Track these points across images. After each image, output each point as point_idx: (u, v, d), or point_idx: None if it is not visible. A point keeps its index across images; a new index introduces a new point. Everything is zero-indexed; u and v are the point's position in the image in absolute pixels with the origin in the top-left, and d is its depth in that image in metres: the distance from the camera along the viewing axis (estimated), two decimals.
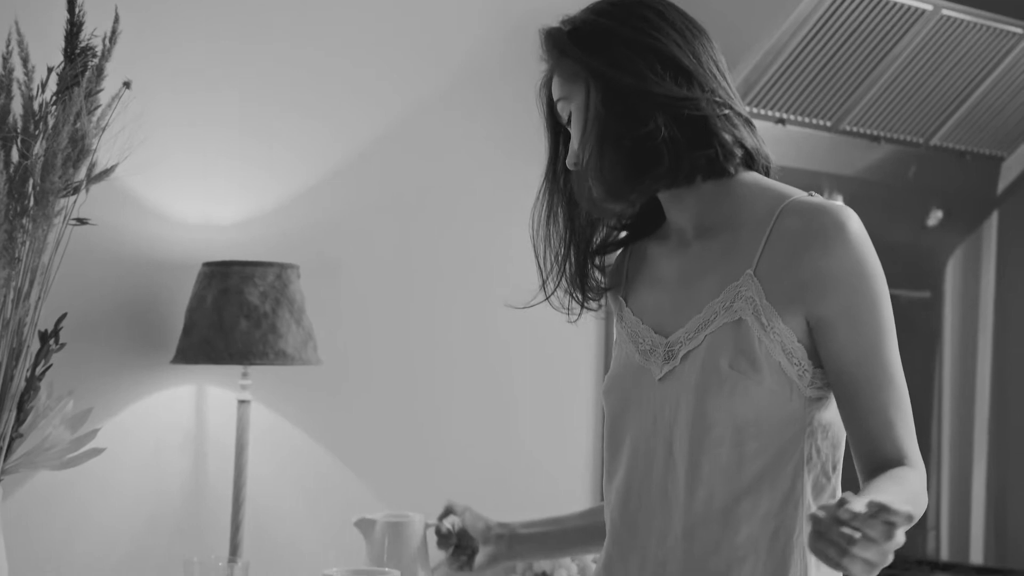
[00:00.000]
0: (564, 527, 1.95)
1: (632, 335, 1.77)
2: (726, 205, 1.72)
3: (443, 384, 2.67)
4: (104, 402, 2.24)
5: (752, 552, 1.65)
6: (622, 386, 1.76)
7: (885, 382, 1.66)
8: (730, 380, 1.64)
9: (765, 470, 1.65)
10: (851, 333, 1.64)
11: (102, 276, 2.27)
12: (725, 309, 1.67)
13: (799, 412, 1.66)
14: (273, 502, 2.43)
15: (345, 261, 2.54)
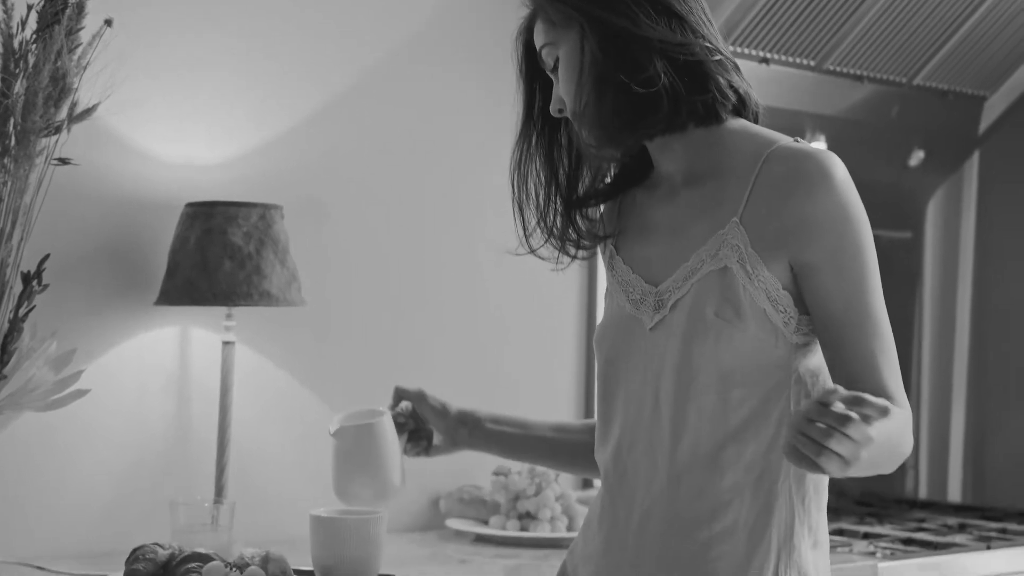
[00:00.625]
0: (530, 434, 1.95)
1: (623, 284, 1.77)
2: (714, 152, 1.72)
3: (427, 325, 2.67)
4: (87, 344, 2.23)
5: (737, 497, 1.66)
6: (613, 336, 1.77)
7: (870, 327, 1.66)
8: (715, 328, 1.65)
9: (750, 417, 1.65)
10: (835, 279, 1.65)
11: (84, 217, 2.25)
12: (711, 257, 1.68)
13: (785, 358, 1.67)
14: (257, 444, 2.43)
15: (328, 202, 2.53)
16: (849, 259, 1.65)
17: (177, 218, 2.28)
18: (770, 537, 1.66)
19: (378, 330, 2.59)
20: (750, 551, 1.66)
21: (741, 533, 1.66)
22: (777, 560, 1.66)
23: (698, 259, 1.69)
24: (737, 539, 1.66)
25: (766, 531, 1.66)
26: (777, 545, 1.66)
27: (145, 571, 1.79)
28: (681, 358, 1.67)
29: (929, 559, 2.48)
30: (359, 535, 1.89)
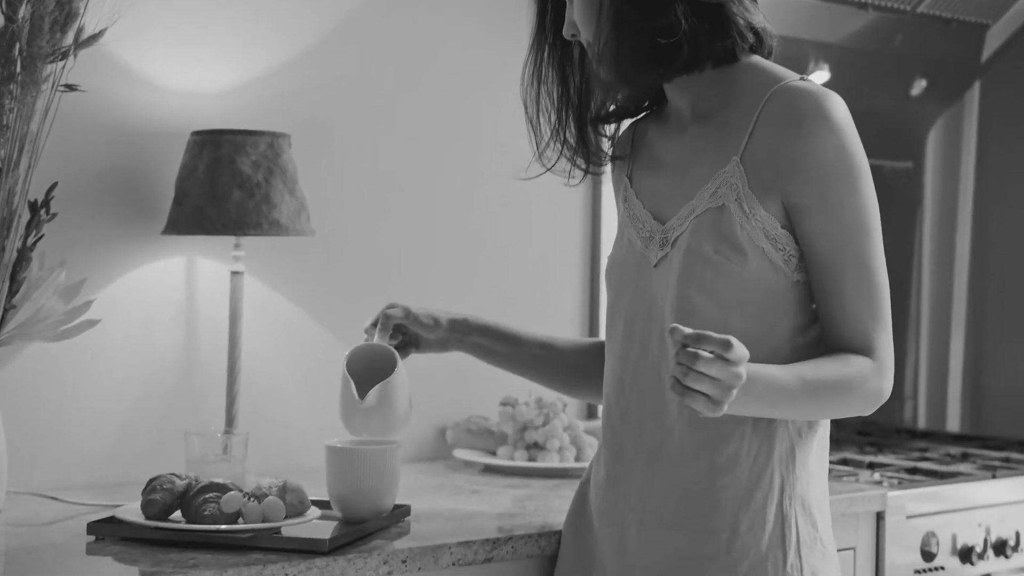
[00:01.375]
0: (516, 351, 1.95)
1: (634, 219, 1.77)
2: (724, 89, 1.71)
3: (435, 253, 2.64)
4: (94, 273, 2.20)
5: (738, 429, 1.66)
6: (621, 270, 1.77)
7: (859, 273, 1.65)
8: (713, 265, 1.64)
9: (751, 352, 1.64)
10: (824, 221, 1.63)
11: (90, 145, 2.21)
12: (710, 195, 1.67)
13: (784, 294, 1.67)
14: (267, 375, 2.41)
15: (334, 129, 2.50)
16: (838, 202, 1.63)
17: (183, 147, 2.25)
18: (772, 469, 1.67)
19: (385, 259, 2.57)
20: (752, 484, 1.66)
21: (744, 465, 1.67)
22: (780, 492, 1.67)
23: (700, 197, 1.68)
24: (740, 471, 1.67)
25: (768, 463, 1.67)
26: (780, 477, 1.67)
27: (162, 501, 1.78)
28: (680, 294, 1.66)
29: (936, 488, 2.48)
30: (375, 465, 1.89)
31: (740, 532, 1.66)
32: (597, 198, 2.85)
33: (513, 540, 1.85)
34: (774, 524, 1.66)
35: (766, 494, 1.66)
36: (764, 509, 1.66)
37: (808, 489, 1.70)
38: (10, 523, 1.88)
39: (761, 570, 1.66)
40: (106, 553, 1.69)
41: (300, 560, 1.66)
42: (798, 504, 1.68)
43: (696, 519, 1.67)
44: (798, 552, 1.67)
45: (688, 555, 1.68)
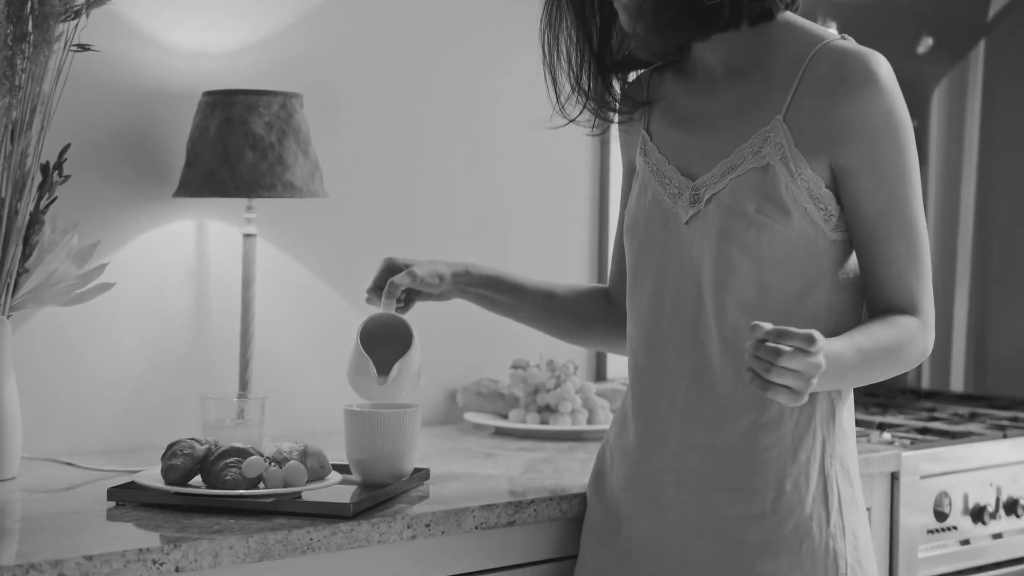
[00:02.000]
0: (518, 302, 1.93)
1: (658, 174, 1.75)
2: (759, 47, 1.69)
3: (448, 214, 2.62)
4: (107, 236, 2.18)
5: None
6: (647, 228, 1.75)
7: (904, 232, 1.66)
8: (756, 224, 1.63)
9: (789, 311, 1.66)
10: (874, 182, 1.64)
11: (101, 106, 2.18)
12: (753, 154, 1.66)
13: (823, 254, 1.67)
14: (279, 339, 2.39)
15: (345, 89, 2.47)
16: (889, 163, 1.63)
17: (194, 108, 2.22)
18: (815, 427, 1.67)
19: (398, 220, 2.55)
20: (796, 443, 1.66)
21: (787, 425, 1.67)
22: (823, 452, 1.68)
23: (739, 155, 1.67)
24: (783, 431, 1.67)
25: (811, 421, 1.67)
26: (822, 436, 1.68)
27: (183, 466, 1.76)
28: (719, 252, 1.66)
29: (948, 448, 2.48)
30: (395, 429, 1.87)
31: (785, 491, 1.66)
32: (605, 154, 2.83)
33: (535, 503, 1.84)
34: (817, 483, 1.67)
35: (809, 453, 1.67)
36: (808, 468, 1.67)
37: (845, 449, 1.71)
38: (27, 489, 1.86)
39: (806, 529, 1.66)
40: (127, 519, 1.67)
41: (325, 525, 1.65)
42: (838, 463, 1.69)
43: (739, 479, 1.67)
44: (840, 511, 1.68)
45: (731, 515, 1.67)
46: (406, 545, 1.74)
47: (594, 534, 1.82)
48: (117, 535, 1.61)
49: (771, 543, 1.66)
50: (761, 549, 1.66)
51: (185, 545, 1.53)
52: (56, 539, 1.56)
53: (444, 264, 1.90)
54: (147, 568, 1.50)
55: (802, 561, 1.65)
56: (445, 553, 1.78)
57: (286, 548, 1.61)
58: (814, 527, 1.66)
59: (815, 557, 1.66)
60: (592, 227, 2.83)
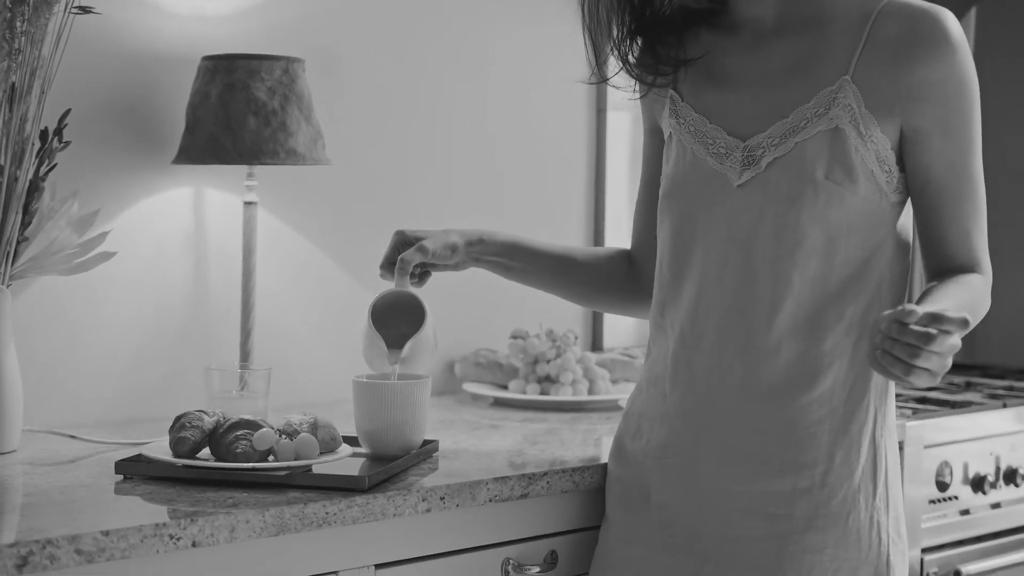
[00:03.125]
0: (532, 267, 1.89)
1: (698, 135, 1.70)
2: (813, 1, 1.66)
3: (451, 183, 2.59)
4: (106, 204, 2.13)
5: (836, 360, 1.63)
6: (690, 190, 1.70)
7: (969, 192, 1.65)
8: (825, 190, 1.60)
9: (851, 279, 1.63)
10: (943, 143, 1.62)
11: (99, 71, 2.13)
12: (818, 116, 1.62)
13: (886, 217, 1.65)
14: (279, 309, 2.36)
15: (346, 56, 2.42)
16: (959, 124, 1.62)
17: (193, 72, 2.17)
18: (868, 401, 1.66)
19: (399, 188, 2.51)
20: (848, 415, 1.64)
21: (839, 397, 1.64)
22: (874, 424, 1.66)
23: (801, 116, 1.63)
24: (835, 403, 1.64)
25: (864, 395, 1.65)
26: (874, 408, 1.66)
27: (192, 439, 1.73)
28: (785, 221, 1.62)
29: (950, 419, 2.47)
30: (405, 400, 1.84)
31: (835, 465, 1.64)
32: (602, 120, 2.80)
33: (549, 475, 1.82)
34: (868, 455, 1.66)
35: (862, 425, 1.66)
36: (859, 440, 1.65)
37: (892, 420, 1.70)
38: (30, 462, 1.83)
39: (853, 502, 1.65)
40: (137, 493, 1.64)
41: (340, 498, 1.62)
42: (888, 434, 1.68)
43: (788, 453, 1.65)
44: (886, 483, 1.67)
45: (777, 489, 1.65)
46: (421, 518, 1.71)
47: (622, 504, 1.79)
48: (129, 509, 1.57)
49: (819, 517, 1.64)
50: (808, 523, 1.64)
51: (202, 520, 1.50)
52: (67, 514, 1.52)
53: (456, 234, 1.85)
54: (164, 543, 1.47)
55: (847, 534, 1.64)
56: (459, 525, 1.76)
57: (302, 522, 1.58)
58: (861, 500, 1.65)
59: (860, 529, 1.65)
60: (588, 187, 2.80)
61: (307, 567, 1.62)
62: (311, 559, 1.62)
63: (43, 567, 1.38)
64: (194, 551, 1.51)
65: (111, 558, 1.43)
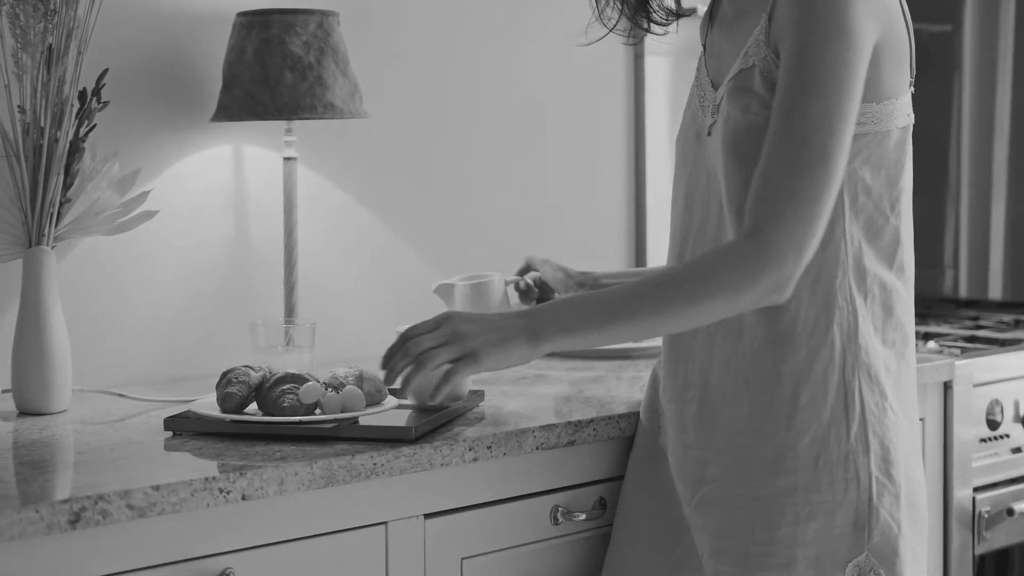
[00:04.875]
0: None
1: (698, 87, 1.72)
2: None
3: (487, 134, 2.58)
4: (146, 163, 2.14)
5: (793, 300, 1.59)
6: (684, 142, 1.73)
7: (785, 131, 1.52)
8: (753, 128, 1.56)
9: None
10: (784, 72, 1.53)
11: (133, 31, 2.13)
12: (743, 55, 1.60)
13: None
14: (321, 264, 2.36)
15: (379, 7, 2.41)
16: (799, 53, 1.52)
17: (228, 29, 2.17)
18: (832, 338, 1.60)
19: (436, 140, 2.51)
20: (812, 353, 1.60)
21: (802, 335, 1.61)
22: (843, 361, 1.60)
23: (742, 58, 1.61)
24: (798, 342, 1.61)
25: (828, 333, 1.60)
26: (841, 346, 1.60)
27: (239, 394, 1.74)
28: (728, 161, 1.60)
29: (999, 357, 2.45)
30: None
31: (800, 406, 1.59)
32: (640, 97, 2.79)
33: (595, 422, 1.82)
34: (836, 395, 1.59)
35: (827, 365, 1.60)
36: (825, 381, 1.59)
37: (874, 358, 1.61)
38: (81, 421, 1.84)
39: (823, 444, 1.59)
40: (186, 448, 1.65)
41: (387, 449, 1.63)
42: (863, 373, 1.60)
43: (757, 394, 1.62)
44: (863, 423, 1.59)
45: (749, 430, 1.63)
46: (468, 467, 1.72)
47: (638, 446, 1.83)
48: (179, 464, 1.59)
49: (787, 459, 1.60)
50: (777, 465, 1.60)
51: (250, 473, 1.51)
52: (119, 470, 1.54)
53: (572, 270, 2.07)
54: (214, 496, 1.48)
55: (819, 476, 1.59)
56: (507, 474, 1.76)
57: (350, 473, 1.59)
58: (832, 441, 1.59)
59: (833, 470, 1.58)
60: (628, 134, 2.79)
61: (356, 518, 1.63)
62: (360, 510, 1.63)
63: (95, 522, 1.40)
64: (243, 504, 1.52)
65: (162, 512, 1.44)
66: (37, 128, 1.87)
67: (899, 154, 1.62)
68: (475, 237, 2.52)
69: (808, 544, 1.59)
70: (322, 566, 1.60)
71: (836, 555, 1.59)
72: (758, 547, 1.61)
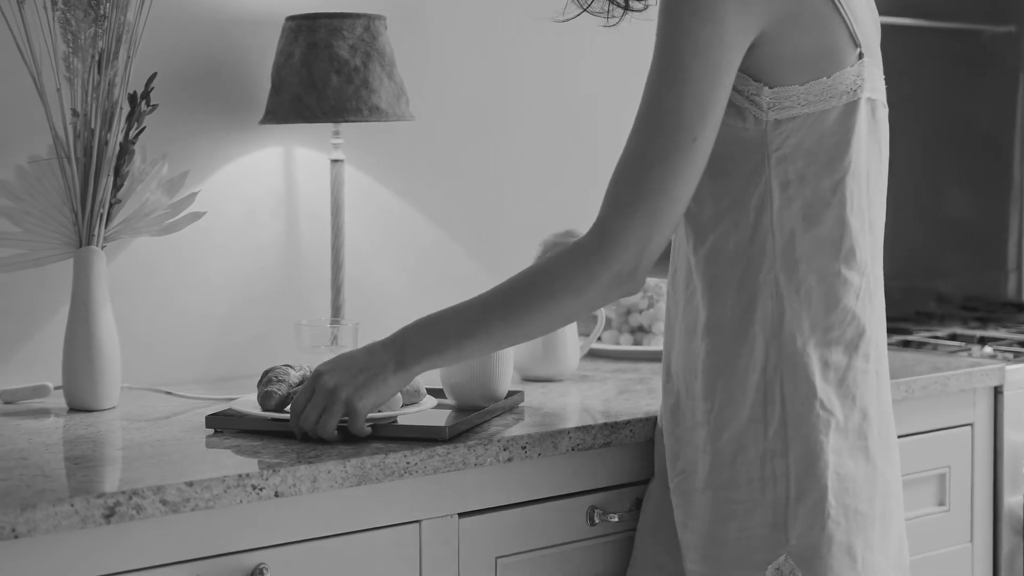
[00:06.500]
0: None
1: None
2: None
3: (535, 135, 2.59)
4: (195, 165, 2.18)
5: (720, 293, 1.58)
6: None
7: (638, 127, 1.52)
8: None
9: (729, 206, 1.56)
10: (651, 63, 1.52)
11: (184, 35, 2.17)
12: None
13: (758, 138, 1.54)
14: (369, 265, 2.39)
15: (427, 11, 2.44)
16: (657, 45, 1.51)
17: (277, 32, 2.20)
18: (753, 335, 1.56)
19: (484, 142, 2.52)
20: (735, 347, 1.57)
21: (726, 329, 1.57)
22: (765, 357, 1.55)
23: None
24: (722, 335, 1.58)
25: (749, 329, 1.56)
26: (763, 343, 1.55)
27: (279, 393, 1.76)
28: None
29: None
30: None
31: (718, 404, 1.57)
32: None
33: (631, 424, 1.83)
34: (756, 393, 1.54)
35: (747, 361, 1.55)
36: (745, 378, 1.55)
37: (803, 355, 1.54)
38: (128, 418, 1.88)
39: (740, 442, 1.55)
40: (226, 446, 1.68)
41: (421, 448, 1.64)
42: (787, 370, 1.53)
43: (687, 386, 1.62)
44: (783, 421, 1.53)
45: (680, 427, 1.64)
46: (503, 467, 1.73)
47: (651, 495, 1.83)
48: (216, 461, 1.61)
49: (707, 455, 1.58)
50: (697, 463, 1.60)
51: (284, 470, 1.53)
52: (157, 466, 1.57)
53: None
54: (247, 493, 1.51)
55: (736, 475, 1.56)
56: (542, 474, 1.77)
57: (383, 472, 1.61)
58: (749, 439, 1.55)
59: (750, 469, 1.55)
60: None
61: (390, 516, 1.65)
62: (394, 509, 1.65)
63: (130, 517, 1.43)
64: (277, 501, 1.55)
65: (196, 508, 1.47)
66: (88, 130, 1.91)
67: (842, 132, 1.54)
68: (523, 237, 2.53)
69: (729, 544, 1.56)
70: (356, 563, 1.62)
71: (755, 556, 1.55)
72: (706, 543, 1.60)
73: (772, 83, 1.53)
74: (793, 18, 1.51)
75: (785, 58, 1.51)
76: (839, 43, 1.54)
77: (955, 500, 2.26)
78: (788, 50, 1.51)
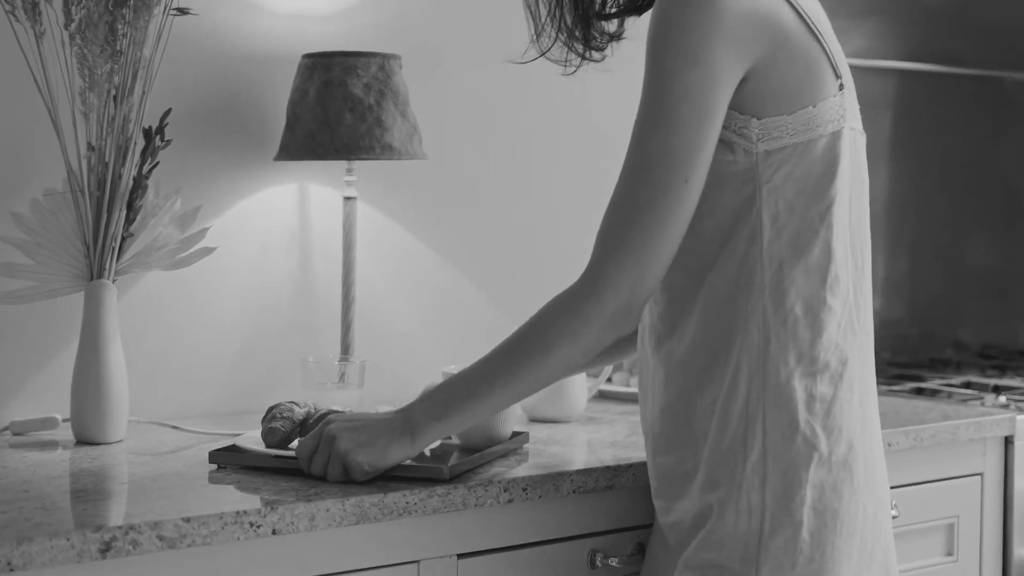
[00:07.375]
0: None
1: None
2: None
3: (550, 174, 2.60)
4: (209, 201, 2.19)
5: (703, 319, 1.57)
6: None
7: (628, 169, 1.53)
8: None
9: (723, 241, 1.55)
10: (639, 104, 1.53)
11: (201, 71, 2.20)
12: None
13: (752, 170, 1.54)
14: (381, 302, 2.40)
15: (444, 53, 2.45)
16: (644, 83, 1.52)
17: (293, 70, 2.22)
18: (738, 360, 1.54)
19: (496, 181, 2.53)
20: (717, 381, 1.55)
21: (701, 354, 1.57)
22: (748, 389, 1.53)
23: None
24: (698, 358, 1.57)
25: (730, 354, 1.55)
26: (747, 375, 1.54)
27: (283, 430, 1.77)
28: None
29: None
30: None
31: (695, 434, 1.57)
32: None
33: (634, 468, 1.82)
34: (737, 425, 1.53)
35: (731, 393, 1.54)
36: (727, 409, 1.54)
37: (789, 388, 1.52)
38: (133, 452, 1.89)
39: (716, 474, 1.55)
40: (228, 482, 1.69)
41: (421, 488, 1.64)
42: (769, 403, 1.52)
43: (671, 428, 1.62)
44: (763, 454, 1.52)
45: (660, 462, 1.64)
46: (503, 509, 1.73)
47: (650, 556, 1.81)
48: (217, 497, 1.62)
49: (686, 486, 1.59)
50: (677, 497, 1.60)
51: (282, 508, 1.54)
52: (158, 501, 1.57)
53: None
54: (244, 530, 1.51)
55: (709, 505, 1.55)
56: (544, 517, 1.77)
57: (382, 511, 1.61)
58: (726, 471, 1.53)
59: (724, 501, 1.54)
60: None
61: (388, 556, 1.64)
62: (393, 548, 1.65)
63: (126, 552, 1.43)
64: (275, 539, 1.55)
65: (192, 544, 1.47)
66: (102, 164, 1.93)
67: (829, 161, 1.55)
68: (536, 276, 2.53)
69: (696, 570, 1.55)
70: None
71: None
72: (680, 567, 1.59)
73: (760, 115, 1.53)
74: (781, 52, 1.52)
75: (772, 90, 1.52)
76: (822, 75, 1.55)
77: (963, 551, 2.25)
78: (775, 83, 1.52)
